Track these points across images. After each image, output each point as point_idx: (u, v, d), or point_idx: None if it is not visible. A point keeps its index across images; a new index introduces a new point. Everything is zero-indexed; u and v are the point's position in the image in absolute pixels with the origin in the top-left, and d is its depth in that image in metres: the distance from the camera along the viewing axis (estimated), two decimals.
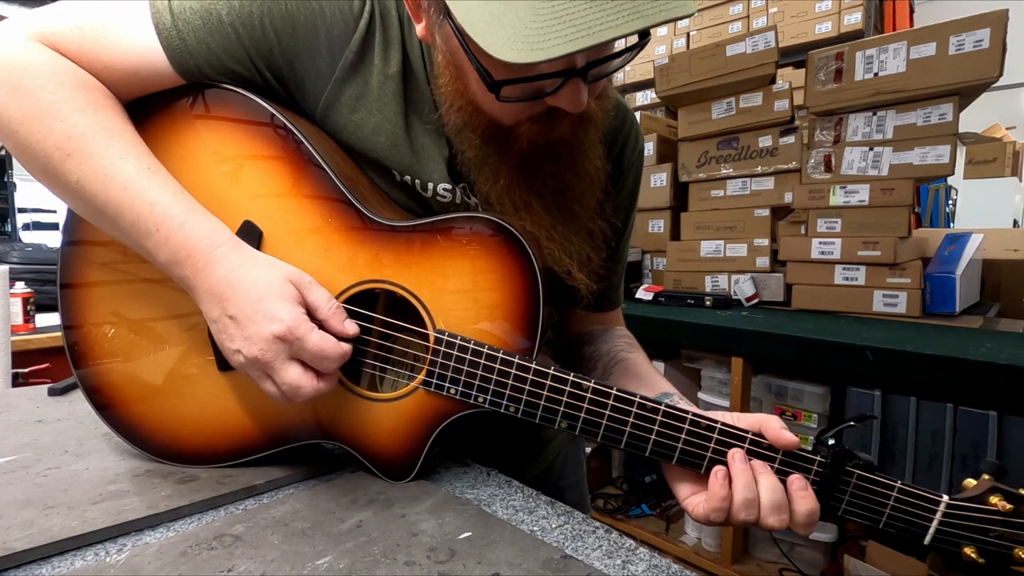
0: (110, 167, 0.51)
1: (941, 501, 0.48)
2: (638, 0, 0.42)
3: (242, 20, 0.56)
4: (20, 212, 4.25)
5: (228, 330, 0.51)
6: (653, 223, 2.39)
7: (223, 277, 0.51)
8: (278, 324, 0.49)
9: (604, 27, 0.41)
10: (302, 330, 0.49)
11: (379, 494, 0.55)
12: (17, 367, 1.66)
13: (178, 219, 0.51)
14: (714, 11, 2.90)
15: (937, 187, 4.00)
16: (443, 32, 0.52)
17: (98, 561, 0.45)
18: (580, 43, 0.41)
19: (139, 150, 0.53)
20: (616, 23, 0.41)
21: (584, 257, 0.64)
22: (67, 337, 0.59)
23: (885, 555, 1.54)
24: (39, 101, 0.51)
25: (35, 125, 0.51)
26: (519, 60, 0.42)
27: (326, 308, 0.52)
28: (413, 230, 0.56)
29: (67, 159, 0.51)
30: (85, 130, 0.51)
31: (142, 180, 0.51)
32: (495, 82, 0.49)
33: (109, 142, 0.52)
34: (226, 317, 0.50)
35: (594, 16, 0.41)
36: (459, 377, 0.55)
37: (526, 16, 0.42)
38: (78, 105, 0.52)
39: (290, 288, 0.51)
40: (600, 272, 0.68)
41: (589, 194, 0.63)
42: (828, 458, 0.50)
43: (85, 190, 0.51)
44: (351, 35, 0.58)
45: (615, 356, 0.71)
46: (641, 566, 0.46)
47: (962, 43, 1.63)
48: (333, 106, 0.61)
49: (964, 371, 1.23)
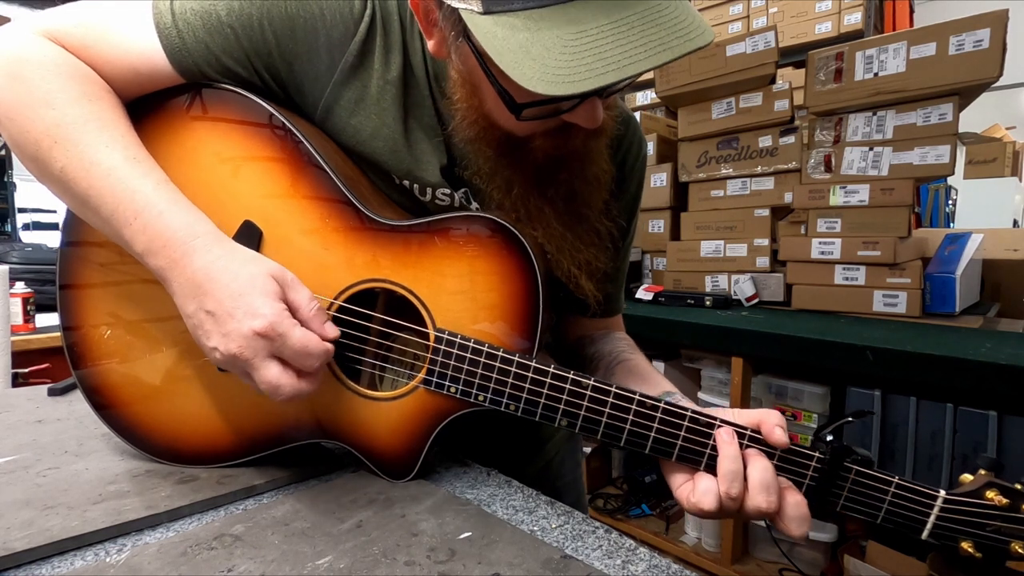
0: (95, 155, 0.50)
1: (938, 496, 0.49)
2: (663, 31, 0.42)
3: (241, 22, 0.56)
4: (20, 212, 4.25)
5: (204, 326, 0.49)
6: (653, 223, 2.39)
7: (201, 268, 0.49)
8: (259, 320, 0.47)
9: (633, 60, 0.42)
10: (284, 326, 0.47)
11: (379, 494, 0.55)
12: (17, 367, 1.66)
13: (158, 207, 0.50)
14: (714, 11, 2.90)
15: (937, 187, 4.00)
16: (460, 51, 0.52)
17: (98, 561, 0.45)
18: (611, 77, 0.41)
19: (127, 140, 0.53)
20: (644, 56, 0.42)
21: (593, 266, 0.64)
22: (66, 338, 0.59)
23: (885, 555, 1.54)
24: (34, 89, 0.51)
25: (28, 112, 0.51)
26: (552, 93, 0.42)
27: (307, 308, 0.50)
28: (413, 230, 0.56)
29: (54, 146, 0.51)
30: (75, 119, 0.51)
31: (126, 168, 0.51)
32: (517, 104, 0.49)
33: (99, 132, 0.51)
34: (203, 312, 0.48)
35: (622, 49, 0.42)
36: (459, 376, 0.55)
37: (555, 48, 0.42)
38: (72, 95, 0.52)
39: (272, 284, 0.49)
40: (608, 273, 0.68)
41: (596, 196, 0.63)
42: (827, 454, 0.50)
43: (69, 177, 0.51)
44: (351, 38, 0.58)
45: (617, 356, 0.71)
46: (641, 566, 0.46)
47: (962, 43, 1.63)
48: (332, 109, 0.61)
49: (964, 371, 1.23)
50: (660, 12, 0.43)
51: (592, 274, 0.64)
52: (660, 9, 0.43)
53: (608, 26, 0.42)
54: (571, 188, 0.61)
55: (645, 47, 0.42)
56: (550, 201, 0.60)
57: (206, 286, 0.48)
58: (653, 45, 0.42)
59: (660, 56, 0.42)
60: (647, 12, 0.43)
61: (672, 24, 0.43)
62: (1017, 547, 0.47)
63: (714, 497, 0.49)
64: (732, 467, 0.49)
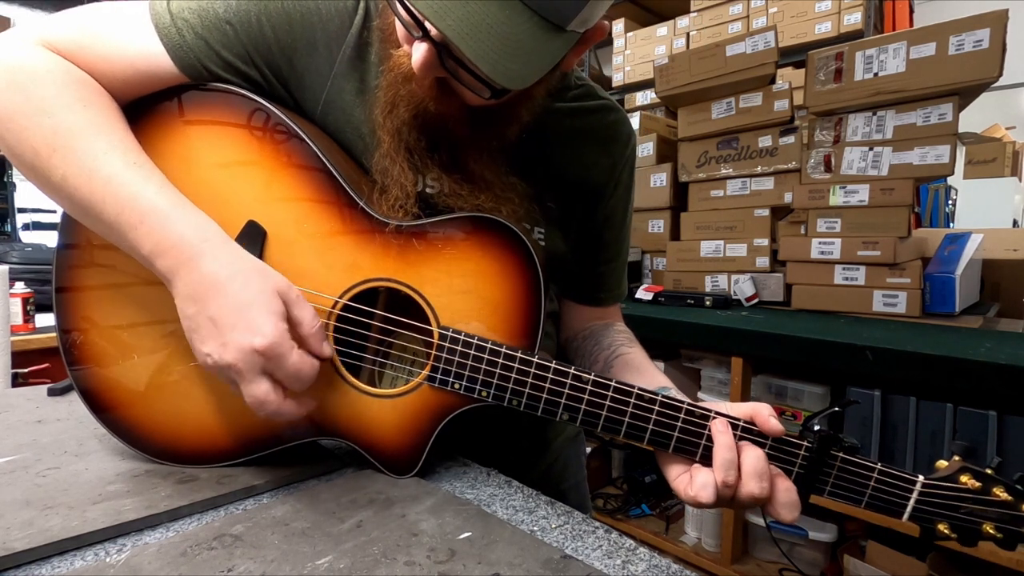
0: (94, 161, 0.50)
1: (917, 481, 0.51)
2: (504, 60, 0.45)
3: (239, 18, 0.56)
4: (20, 212, 4.25)
5: (202, 331, 0.49)
6: (653, 223, 2.39)
7: (209, 274, 0.49)
8: (260, 338, 0.47)
9: (472, 40, 0.44)
10: (283, 348, 0.48)
11: (379, 494, 0.55)
12: (17, 367, 1.65)
13: (164, 211, 0.50)
14: (714, 11, 2.90)
15: (937, 187, 4.00)
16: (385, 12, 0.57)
17: (98, 561, 0.45)
18: (446, 29, 0.44)
19: (126, 145, 0.52)
20: (483, 54, 0.45)
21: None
22: (62, 339, 0.59)
23: (885, 555, 1.54)
24: (30, 97, 0.51)
25: (23, 121, 0.51)
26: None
27: (309, 326, 0.51)
28: (415, 228, 0.57)
29: (53, 154, 0.51)
30: (72, 126, 0.51)
31: (127, 173, 0.51)
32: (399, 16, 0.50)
33: (96, 137, 0.51)
34: (204, 316, 0.49)
35: (472, 19, 0.44)
36: (463, 372, 0.55)
37: None
38: (67, 101, 0.52)
39: (278, 302, 0.49)
40: None
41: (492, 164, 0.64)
42: (815, 442, 0.52)
43: (70, 185, 0.51)
44: (347, 31, 0.59)
45: (615, 351, 0.72)
46: (641, 566, 0.46)
47: (962, 43, 1.63)
48: (334, 103, 0.61)
49: (964, 371, 1.23)
50: (515, 25, 0.45)
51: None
52: (517, 24, 0.45)
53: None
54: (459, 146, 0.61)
55: (488, 45, 0.45)
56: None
57: (212, 292, 0.49)
58: (490, 49, 0.45)
59: (483, 60, 0.45)
60: (508, 21, 0.45)
61: (512, 47, 0.46)
62: (988, 528, 0.50)
63: (712, 490, 0.51)
64: (727, 455, 0.51)
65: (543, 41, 0.47)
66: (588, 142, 0.71)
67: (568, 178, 0.71)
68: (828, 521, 1.72)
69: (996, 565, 1.32)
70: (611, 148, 0.73)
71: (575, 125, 0.70)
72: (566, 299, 0.81)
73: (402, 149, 0.58)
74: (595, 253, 0.78)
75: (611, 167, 0.73)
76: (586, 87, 0.73)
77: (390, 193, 0.58)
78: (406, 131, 0.57)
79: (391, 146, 0.58)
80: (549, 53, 0.48)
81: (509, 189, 0.62)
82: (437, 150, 0.59)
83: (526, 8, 0.45)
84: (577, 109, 0.70)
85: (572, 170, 0.71)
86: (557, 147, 0.69)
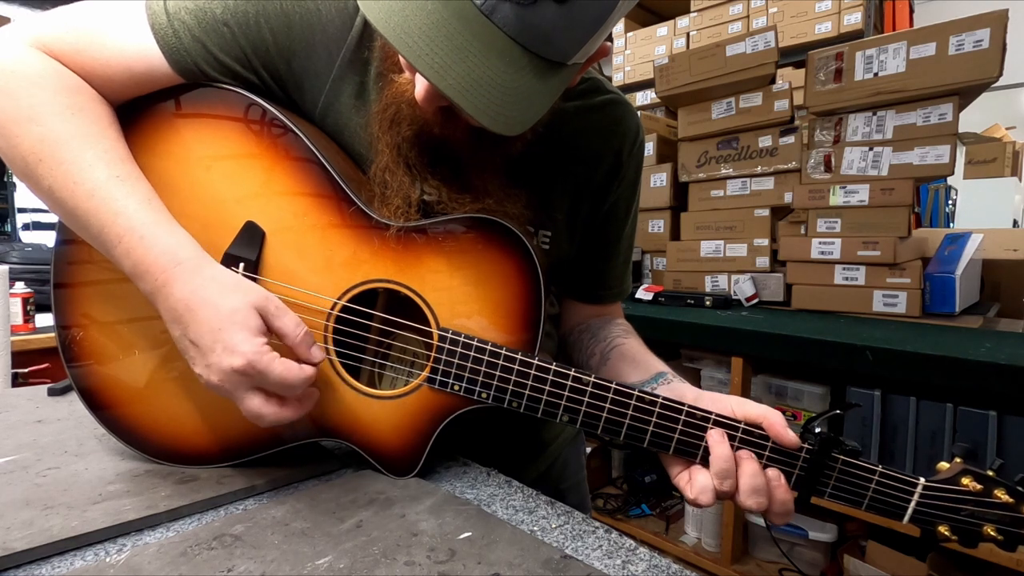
0: (78, 173, 0.50)
1: (918, 483, 0.51)
2: (505, 110, 0.45)
3: (237, 19, 0.56)
4: (20, 212, 4.24)
5: (189, 352, 0.50)
6: (653, 223, 2.39)
7: (181, 299, 0.49)
8: (238, 358, 0.47)
9: (472, 96, 0.43)
10: (263, 363, 0.48)
11: (379, 494, 0.55)
12: (17, 367, 1.65)
13: (139, 231, 0.49)
14: (714, 11, 2.90)
15: (937, 187, 4.00)
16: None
17: (98, 561, 0.45)
18: (418, 59, 0.42)
19: (112, 156, 0.52)
20: (484, 108, 0.44)
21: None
22: (60, 337, 0.59)
23: (885, 555, 1.54)
24: (19, 104, 0.51)
25: (14, 128, 0.51)
26: (381, 29, 0.43)
27: (294, 335, 0.51)
28: (414, 229, 0.57)
29: (40, 164, 0.50)
30: (59, 135, 0.50)
31: (109, 188, 0.50)
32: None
33: (81, 148, 0.51)
34: (186, 340, 0.49)
35: (472, 75, 0.43)
36: (463, 374, 0.55)
37: (418, 15, 0.43)
38: (57, 109, 0.51)
39: (253, 317, 0.49)
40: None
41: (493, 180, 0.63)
42: (815, 445, 0.52)
43: (56, 196, 0.51)
44: (347, 32, 0.58)
45: (611, 343, 0.72)
46: (641, 566, 0.46)
47: (962, 43, 1.63)
48: (333, 105, 0.60)
49: (964, 371, 1.23)
50: (515, 72, 0.44)
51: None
52: (518, 70, 0.44)
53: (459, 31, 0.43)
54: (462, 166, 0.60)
55: (488, 99, 0.44)
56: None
57: (186, 317, 0.49)
58: (491, 102, 0.44)
59: (483, 114, 0.44)
60: (508, 70, 0.44)
61: (513, 97, 0.45)
62: (989, 530, 0.50)
63: (711, 495, 0.52)
64: (724, 467, 0.51)
65: (544, 81, 0.46)
66: (594, 137, 0.70)
67: (575, 176, 0.70)
68: (828, 521, 1.72)
69: (996, 565, 1.32)
70: (617, 141, 0.72)
71: (581, 124, 0.69)
72: (566, 296, 0.81)
73: (401, 164, 0.57)
74: (596, 249, 0.77)
75: (616, 159, 0.72)
76: (592, 81, 0.72)
77: (391, 203, 0.57)
78: (406, 147, 0.57)
79: (391, 159, 0.57)
80: (550, 91, 0.47)
81: (512, 197, 0.62)
82: (438, 165, 0.59)
83: (526, 52, 0.44)
84: (583, 107, 0.70)
85: (578, 168, 0.70)
86: (563, 148, 0.69)
